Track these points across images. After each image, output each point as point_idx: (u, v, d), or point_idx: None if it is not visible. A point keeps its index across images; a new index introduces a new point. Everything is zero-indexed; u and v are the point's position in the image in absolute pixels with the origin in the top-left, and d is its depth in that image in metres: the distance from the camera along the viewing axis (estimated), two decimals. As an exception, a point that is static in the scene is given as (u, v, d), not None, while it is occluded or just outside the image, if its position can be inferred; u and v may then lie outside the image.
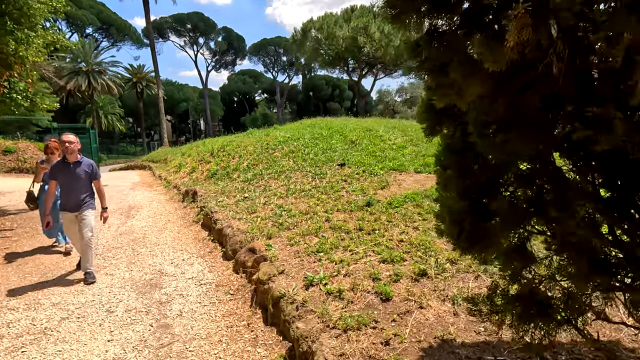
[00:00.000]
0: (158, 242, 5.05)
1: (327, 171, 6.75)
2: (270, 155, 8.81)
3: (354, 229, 3.92)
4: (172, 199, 8.45)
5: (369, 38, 31.54)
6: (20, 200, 8.44)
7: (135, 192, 9.83)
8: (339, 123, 11.73)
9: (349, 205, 4.82)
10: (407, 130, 9.63)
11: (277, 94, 67.95)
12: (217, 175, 8.90)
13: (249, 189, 6.75)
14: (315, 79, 69.02)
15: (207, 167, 10.31)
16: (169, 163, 15.01)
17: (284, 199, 5.69)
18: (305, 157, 7.90)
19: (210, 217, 5.36)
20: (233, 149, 10.81)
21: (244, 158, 9.37)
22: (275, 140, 9.95)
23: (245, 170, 8.32)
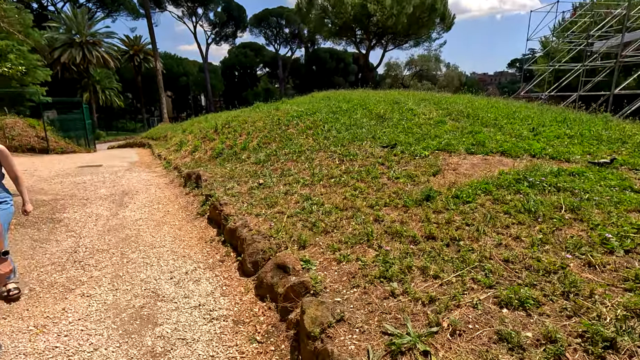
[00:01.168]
0: (154, 244, 3.99)
1: (357, 151, 5.58)
2: (283, 132, 7.62)
3: (422, 236, 2.81)
4: (172, 183, 7.36)
5: (380, 5, 29.40)
6: None
7: (131, 173, 8.74)
8: (358, 95, 10.42)
9: (399, 198, 3.70)
10: (441, 103, 8.34)
11: (280, 68, 65.43)
12: (223, 155, 7.76)
13: (263, 172, 5.62)
14: (319, 52, 66.29)
15: (211, 145, 9.15)
16: (169, 141, 13.85)
17: (309, 187, 4.57)
18: (327, 134, 6.70)
19: (219, 210, 4.27)
20: (239, 125, 9.60)
21: (252, 135, 8.19)
22: (288, 115, 8.72)
23: (256, 149, 7.17)
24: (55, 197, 6.32)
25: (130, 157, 12.69)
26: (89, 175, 8.39)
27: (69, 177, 8.17)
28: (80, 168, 9.66)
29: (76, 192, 6.71)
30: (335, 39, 38.93)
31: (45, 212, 5.36)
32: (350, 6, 29.23)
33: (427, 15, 30.96)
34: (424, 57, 42.21)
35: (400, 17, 29.37)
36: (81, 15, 33.19)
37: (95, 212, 5.32)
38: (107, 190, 6.83)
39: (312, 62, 65.93)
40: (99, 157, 12.55)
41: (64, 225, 4.75)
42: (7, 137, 12.52)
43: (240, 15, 59.47)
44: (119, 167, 9.77)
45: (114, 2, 46.77)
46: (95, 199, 6.17)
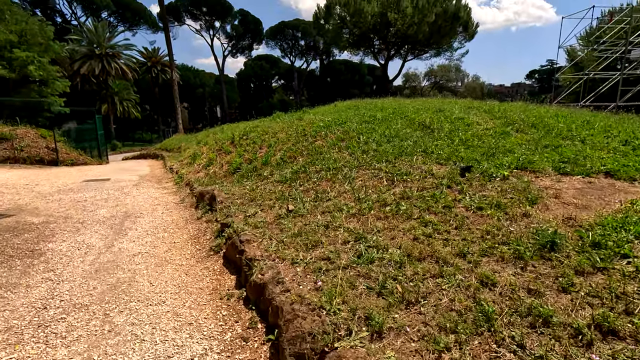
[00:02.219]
0: (151, 298, 2.92)
1: (409, 169, 4.46)
2: (311, 144, 6.57)
3: (588, 324, 1.65)
4: (183, 203, 6.36)
5: (400, 14, 28.58)
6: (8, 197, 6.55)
7: (139, 189, 7.82)
8: (390, 104, 9.34)
9: (502, 242, 2.55)
10: (493, 111, 7.17)
11: (295, 79, 65.38)
12: (241, 170, 6.75)
13: (291, 195, 4.53)
14: (334, 63, 66.10)
15: (228, 158, 8.18)
16: (183, 153, 13.02)
17: (358, 218, 3.45)
18: (365, 147, 5.61)
19: (239, 249, 3.19)
20: (258, 136, 8.63)
21: (275, 148, 7.17)
22: (314, 126, 7.69)
23: (280, 164, 6.12)
24: (47, 219, 5.39)
25: (141, 170, 11.88)
26: (92, 192, 7.51)
27: (70, 194, 7.30)
28: (86, 182, 8.82)
29: (72, 212, 5.77)
30: (352, 50, 38.31)
31: (29, 240, 4.41)
32: (370, 15, 28.51)
33: (449, 23, 29.97)
34: (444, 67, 41.06)
35: (422, 26, 28.46)
36: (102, 28, 33.59)
37: (87, 242, 4.33)
38: (107, 211, 5.87)
39: (327, 73, 65.71)
40: (109, 170, 11.79)
41: (45, 261, 3.75)
42: (15, 148, 11.92)
43: (256, 28, 59.94)
44: (127, 182, 8.89)
45: (134, 16, 47.71)
46: (92, 222, 5.20)
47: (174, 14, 50.50)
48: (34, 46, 23.02)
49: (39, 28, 23.25)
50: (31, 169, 11.48)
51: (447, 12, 28.43)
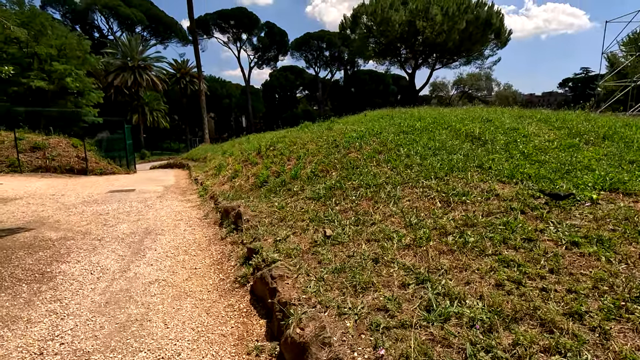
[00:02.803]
0: (164, 347, 2.39)
1: (466, 188, 3.78)
2: (344, 157, 6.00)
3: None
4: (207, 218, 5.93)
5: (429, 22, 27.85)
6: (18, 212, 6.40)
7: (162, 202, 7.51)
8: (427, 113, 8.66)
9: (627, 298, 1.85)
10: (551, 121, 6.35)
11: (319, 90, 65.57)
12: (269, 184, 6.26)
13: (327, 215, 3.96)
14: (359, 73, 65.92)
15: (254, 170, 7.75)
16: (208, 163, 12.82)
17: (413, 250, 2.82)
18: (407, 161, 4.97)
19: (270, 286, 2.63)
20: (286, 147, 8.17)
21: (304, 160, 6.65)
22: (346, 136, 7.13)
23: (311, 179, 5.58)
24: (65, 234, 5.08)
25: (167, 180, 11.72)
26: (115, 204, 7.26)
27: (93, 206, 7.07)
28: (111, 193, 8.65)
29: (92, 227, 5.46)
30: (378, 59, 37.82)
31: (42, 260, 4.06)
32: (398, 24, 27.96)
33: (480, 30, 28.91)
34: (474, 76, 39.67)
35: (452, 34, 27.59)
36: (135, 42, 34.92)
37: (102, 264, 3.92)
38: (128, 226, 5.51)
39: (352, 84, 65.52)
40: (135, 180, 11.71)
41: (53, 287, 3.35)
42: (47, 158, 12.11)
43: (282, 40, 60.82)
44: (151, 193, 8.65)
45: (166, 30, 49.61)
46: (111, 239, 4.84)
47: (203, 27, 52.11)
48: (72, 59, 24.05)
49: (77, 42, 24.30)
50: (61, 178, 11.57)
51: (479, 18, 27.44)
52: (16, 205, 7.10)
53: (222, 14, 53.76)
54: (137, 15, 44.29)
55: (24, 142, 12.46)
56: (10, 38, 21.30)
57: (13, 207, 6.86)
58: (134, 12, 44.10)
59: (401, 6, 28.76)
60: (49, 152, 12.39)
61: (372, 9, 28.75)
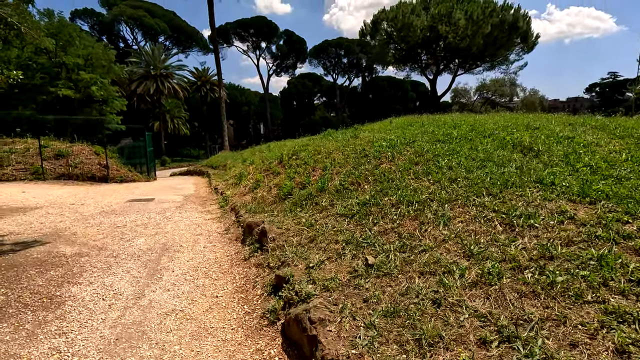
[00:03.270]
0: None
1: (528, 208, 3.22)
2: (375, 168, 5.50)
3: None
4: (228, 233, 5.54)
5: (452, 26, 27.15)
6: (36, 223, 6.20)
7: (181, 213, 7.20)
8: (461, 120, 8.07)
9: None
10: (609, 128, 5.67)
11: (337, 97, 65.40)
12: (294, 197, 5.82)
13: (366, 237, 3.46)
14: (377, 80, 65.51)
15: (276, 181, 7.35)
16: (228, 171, 12.57)
17: (483, 289, 2.29)
18: (451, 174, 4.42)
19: (309, 332, 2.16)
20: (310, 156, 7.74)
21: (331, 171, 6.19)
22: (375, 145, 6.64)
23: (340, 192, 5.10)
24: (80, 249, 4.78)
25: (186, 189, 11.51)
26: (133, 214, 6.99)
27: (112, 216, 6.82)
28: (130, 203, 8.44)
29: (109, 242, 5.15)
30: (398, 66, 37.25)
31: (53, 280, 3.73)
32: (419, 29, 27.37)
33: (505, 35, 27.96)
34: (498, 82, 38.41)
35: (476, 38, 26.76)
36: (157, 51, 35.70)
37: (116, 287, 3.55)
38: (145, 241, 5.18)
39: (370, 90, 65.12)
40: (155, 188, 11.55)
41: (61, 316, 2.99)
42: (69, 165, 12.14)
43: (301, 48, 61.17)
44: (170, 203, 8.38)
45: (187, 39, 50.76)
46: (126, 256, 4.50)
47: (224, 36, 52.99)
48: (97, 68, 24.64)
49: (103, 52, 24.90)
50: (82, 185, 11.55)
51: (505, 22, 26.53)
52: (35, 215, 6.93)
53: (242, 23, 54.61)
54: (161, 25, 45.50)
55: (48, 149, 12.58)
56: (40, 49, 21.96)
57: (32, 217, 6.69)
58: (158, 22, 45.33)
59: (423, 11, 28.20)
60: (72, 159, 12.44)
61: (393, 14, 28.29)
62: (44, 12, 22.53)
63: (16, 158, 11.98)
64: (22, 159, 12.02)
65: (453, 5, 26.75)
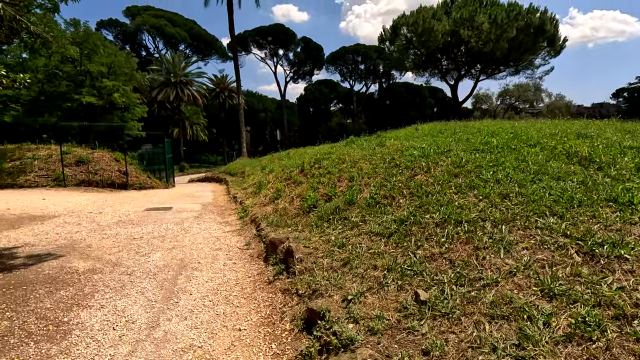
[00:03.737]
0: None
1: (610, 233, 2.68)
2: (409, 180, 5.02)
3: None
4: (249, 249, 5.15)
5: (475, 30, 26.40)
6: (52, 233, 6.00)
7: (199, 224, 6.89)
8: (498, 127, 7.49)
9: None
10: (677, 138, 5.02)
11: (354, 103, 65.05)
12: (319, 210, 5.40)
13: (410, 262, 2.99)
14: (394, 86, 64.89)
15: (299, 191, 6.95)
16: (247, 178, 12.28)
17: (581, 349, 1.78)
18: (501, 189, 3.90)
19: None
20: (334, 165, 7.32)
21: (359, 182, 5.74)
22: (406, 154, 6.17)
23: (372, 206, 4.64)
24: (94, 265, 4.49)
25: (204, 196, 11.27)
26: (150, 225, 6.73)
27: (128, 227, 6.57)
28: (147, 212, 8.21)
29: (124, 256, 4.85)
30: (417, 71, 36.57)
31: (63, 302, 3.42)
32: (440, 34, 26.74)
33: (531, 38, 26.98)
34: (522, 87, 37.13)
35: (500, 43, 25.92)
36: (178, 58, 36.32)
37: (128, 313, 3.20)
38: (162, 256, 4.85)
39: (387, 96, 64.52)
40: (173, 196, 11.37)
41: (66, 350, 2.65)
42: (89, 172, 12.14)
43: (318, 54, 61.32)
44: (188, 213, 8.10)
45: (207, 47, 51.65)
46: (142, 274, 4.16)
47: (242, 43, 53.64)
48: (120, 76, 25.13)
49: (125, 60, 25.41)
50: (102, 192, 11.49)
51: (531, 25, 25.59)
52: (53, 224, 6.76)
53: (260, 30, 55.23)
54: (181, 34, 46.48)
55: (69, 156, 12.64)
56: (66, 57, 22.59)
57: (49, 227, 6.51)
58: (178, 31, 46.33)
59: (444, 16, 27.58)
60: (92, 166, 12.45)
61: (413, 19, 27.79)
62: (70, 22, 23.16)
63: (39, 164, 12.07)
64: (44, 165, 12.10)
65: (476, 8, 26.03)
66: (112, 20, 47.65)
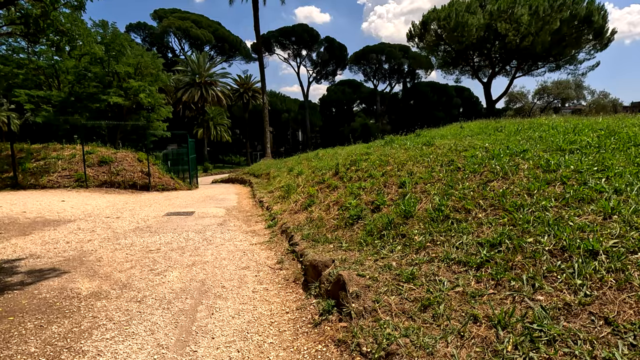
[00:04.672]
0: None
1: None
2: (483, 187, 3.98)
3: None
4: (282, 268, 4.27)
5: (513, 24, 24.66)
6: (62, 242, 5.37)
7: (223, 233, 6.10)
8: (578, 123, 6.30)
9: None
10: None
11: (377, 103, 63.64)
12: (365, 221, 4.46)
13: (532, 318, 2.00)
14: (419, 85, 63.07)
15: (335, 197, 6.03)
16: (272, 181, 11.51)
17: None
18: (636, 204, 2.82)
19: None
20: (375, 167, 6.37)
21: (412, 188, 4.75)
22: (467, 155, 5.13)
23: (438, 220, 3.65)
24: (100, 286, 3.75)
25: (228, 199, 10.57)
26: (170, 233, 6.00)
27: (146, 235, 5.88)
28: (168, 217, 7.54)
29: (136, 274, 4.10)
30: (447, 69, 34.91)
31: (51, 343, 2.66)
32: (475, 27, 25.15)
33: (576, 31, 24.91)
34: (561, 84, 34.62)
35: (541, 36, 24.04)
36: (203, 59, 36.36)
37: (130, 367, 2.36)
38: (179, 275, 4.05)
39: (411, 96, 62.74)
40: (195, 199, 10.74)
41: None
42: (112, 172, 11.73)
43: (341, 54, 60.42)
44: (211, 219, 7.36)
45: (231, 48, 51.85)
46: (154, 301, 3.36)
47: (266, 44, 53.52)
48: (146, 77, 25.17)
49: (151, 60, 25.44)
50: (123, 194, 11.03)
51: (576, 16, 23.58)
52: (66, 230, 6.17)
53: (284, 31, 54.95)
54: (206, 35, 46.81)
55: (92, 155, 12.31)
56: (95, 59, 22.77)
57: (61, 234, 5.90)
58: (204, 32, 46.68)
59: (479, 8, 25.96)
60: (115, 166, 12.05)
61: (445, 13, 26.30)
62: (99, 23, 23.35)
63: (62, 165, 11.78)
64: (67, 165, 11.80)
65: (515, 0, 24.27)
66: (141, 24, 48.69)
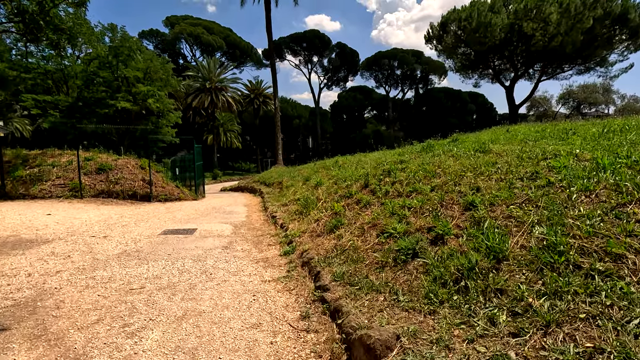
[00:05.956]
0: None
1: None
2: (620, 216, 2.62)
3: None
4: (309, 330, 2.95)
5: (541, 23, 23.13)
6: (23, 274, 4.16)
7: (228, 262, 4.83)
8: None
9: None
10: None
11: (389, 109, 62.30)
12: (425, 260, 3.12)
13: None
14: (433, 91, 61.54)
15: (369, 217, 4.70)
16: (285, 191, 10.25)
17: None
18: None
19: None
20: (416, 178, 5.05)
21: (489, 212, 3.41)
22: (555, 165, 3.78)
23: (560, 267, 2.30)
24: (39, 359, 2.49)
25: (236, 212, 9.34)
26: (161, 262, 4.76)
27: (131, 264, 4.65)
28: (164, 236, 6.32)
29: (101, 333, 2.83)
30: (465, 73, 33.41)
31: None
32: (499, 28, 23.72)
33: (609, 30, 23.26)
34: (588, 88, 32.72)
35: (571, 36, 22.47)
36: (213, 64, 35.70)
37: None
38: (161, 339, 2.78)
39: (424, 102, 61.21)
40: (200, 211, 9.53)
41: None
42: (110, 181, 10.65)
43: (353, 60, 59.50)
44: (215, 239, 6.11)
45: (242, 54, 51.39)
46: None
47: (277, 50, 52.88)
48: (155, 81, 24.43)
49: (161, 65, 24.74)
50: (121, 205, 9.91)
51: (611, 14, 21.96)
52: (35, 255, 4.99)
53: (295, 37, 54.33)
54: (218, 42, 46.40)
55: (91, 162, 11.28)
56: (103, 63, 22.10)
57: (26, 261, 4.72)
58: (215, 39, 46.29)
59: (503, 8, 24.56)
60: (114, 174, 10.97)
61: (467, 13, 24.96)
62: (108, 27, 22.76)
63: (57, 172, 10.77)
64: (62, 173, 10.78)
65: (542, -2, 22.78)
66: (153, 31, 48.63)
